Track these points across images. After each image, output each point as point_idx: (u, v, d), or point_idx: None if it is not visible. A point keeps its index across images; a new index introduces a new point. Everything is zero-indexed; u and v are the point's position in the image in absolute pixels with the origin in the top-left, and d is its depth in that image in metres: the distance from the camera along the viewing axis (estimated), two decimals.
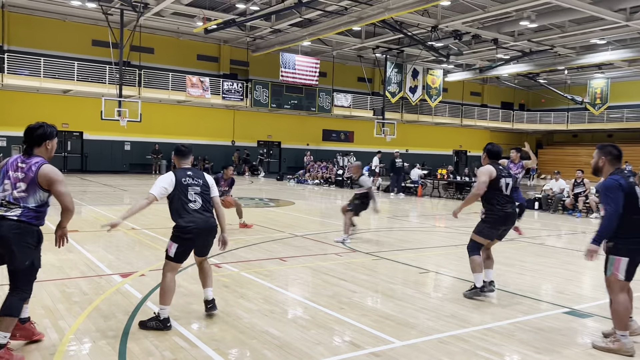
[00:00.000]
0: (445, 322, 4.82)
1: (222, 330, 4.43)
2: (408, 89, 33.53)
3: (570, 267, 7.60)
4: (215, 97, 28.87)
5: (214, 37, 29.99)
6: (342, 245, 8.69)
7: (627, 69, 34.59)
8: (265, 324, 4.59)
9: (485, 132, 43.64)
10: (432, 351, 4.08)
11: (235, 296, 5.45)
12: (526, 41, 27.63)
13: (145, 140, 28.82)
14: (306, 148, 32.82)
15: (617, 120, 37.94)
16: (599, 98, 36.48)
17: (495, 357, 4.01)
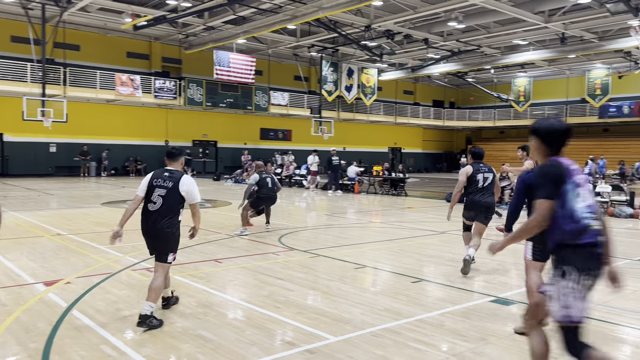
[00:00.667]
0: (378, 315, 4.92)
1: (153, 336, 4.30)
2: (344, 87, 33.93)
3: (496, 257, 7.96)
4: (147, 96, 27.98)
5: (144, 34, 29.07)
6: (280, 244, 8.69)
7: (547, 68, 36.68)
8: (198, 328, 4.51)
9: (418, 129, 44.95)
10: (365, 345, 4.16)
11: None
12: (455, 41, 28.67)
13: (73, 141, 27.51)
14: (243, 147, 32.50)
15: (539, 116, 40.09)
16: (523, 96, 38.48)
17: (424, 346, 4.14)
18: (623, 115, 35.27)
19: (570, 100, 39.24)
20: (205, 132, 32.72)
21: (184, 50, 30.57)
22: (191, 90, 29.39)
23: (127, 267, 6.80)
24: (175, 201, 4.70)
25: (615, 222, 12.31)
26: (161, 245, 4.77)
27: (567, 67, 36.63)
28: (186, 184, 4.74)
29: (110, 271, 6.52)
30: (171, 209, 4.69)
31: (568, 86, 39.70)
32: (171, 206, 4.69)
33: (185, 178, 4.76)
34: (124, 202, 15.50)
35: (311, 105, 34.11)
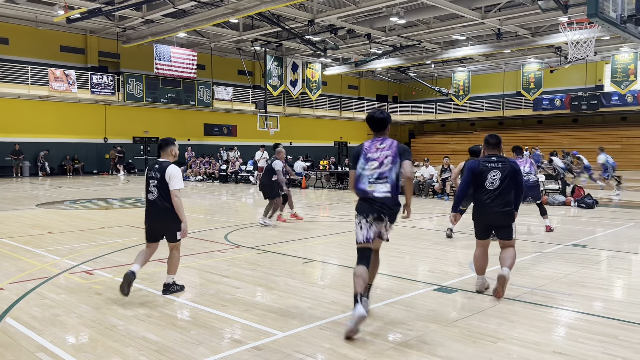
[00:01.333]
0: (326, 309, 4.96)
1: (94, 341, 4.15)
2: (289, 82, 33.84)
3: (439, 247, 8.20)
4: (83, 92, 26.86)
5: (79, 27, 27.87)
6: (226, 242, 8.58)
7: (484, 62, 37.99)
8: (142, 330, 4.38)
9: (363, 123, 45.47)
10: (312, 339, 4.18)
11: (108, 303, 5.13)
12: (396, 36, 29.17)
13: (3, 140, 26.04)
14: (187, 143, 31.84)
15: (478, 109, 41.53)
16: (462, 90, 39.71)
17: (370, 337, 4.20)
18: (555, 108, 37.06)
19: (507, 93, 40.85)
20: (147, 129, 31.80)
21: (122, 44, 29.50)
22: (130, 85, 28.46)
23: (65, 270, 6.52)
24: (167, 189, 5.21)
25: (549, 209, 12.95)
26: (166, 228, 5.34)
27: (503, 61, 38.07)
28: (168, 172, 5.21)
29: (47, 275, 6.23)
30: (166, 197, 5.22)
31: (504, 80, 41.29)
32: (165, 194, 5.22)
33: (170, 167, 5.22)
34: (61, 202, 14.86)
35: (256, 100, 33.80)
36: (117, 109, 30.33)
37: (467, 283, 5.91)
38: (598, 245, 8.28)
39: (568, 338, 4.21)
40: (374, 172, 4.55)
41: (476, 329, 4.40)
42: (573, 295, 5.42)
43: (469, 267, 6.54)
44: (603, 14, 7.18)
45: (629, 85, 32.66)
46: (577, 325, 4.52)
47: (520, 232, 9.99)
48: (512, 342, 4.10)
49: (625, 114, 36.23)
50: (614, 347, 3.96)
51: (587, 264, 6.94)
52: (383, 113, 4.77)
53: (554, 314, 4.83)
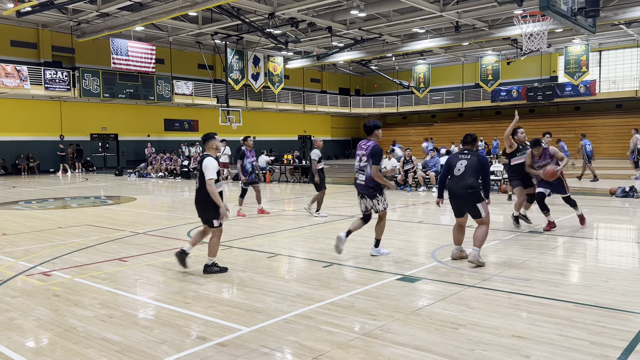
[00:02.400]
0: (291, 302, 4.96)
1: (53, 343, 4.03)
2: (250, 76, 33.55)
3: (402, 237, 8.32)
4: (37, 88, 25.95)
5: (30, 21, 26.86)
6: (189, 239, 8.47)
7: (444, 55, 38.60)
8: (103, 331, 4.29)
9: (326, 117, 45.61)
10: (278, 332, 4.18)
11: (67, 305, 5.00)
12: (357, 29, 29.31)
13: None
14: (147, 139, 31.19)
15: (438, 102, 42.22)
16: (422, 82, 40.27)
17: (335, 328, 4.24)
18: (512, 99, 38.04)
19: (466, 85, 41.65)
20: (105, 125, 30.99)
21: (76, 38, 28.59)
22: (86, 80, 27.65)
23: (21, 272, 6.30)
24: (204, 179, 5.89)
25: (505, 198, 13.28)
26: (205, 215, 6.08)
27: (461, 54, 38.78)
28: (204, 164, 5.91)
29: (2, 278, 6.01)
30: (203, 187, 5.89)
31: (463, 72, 42.09)
32: (203, 184, 5.91)
33: (205, 159, 5.92)
34: (16, 202, 14.34)
35: (217, 95, 33.40)
36: (73, 105, 29.43)
37: (429, 272, 6.03)
38: (554, 232, 8.56)
39: (526, 322, 4.35)
40: (358, 164, 6.80)
41: (438, 316, 4.49)
42: (530, 280, 5.59)
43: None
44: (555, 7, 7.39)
45: (582, 76, 33.81)
46: (534, 309, 4.67)
47: None
48: (472, 327, 4.20)
49: (578, 104, 37.50)
50: (568, 329, 4.12)
51: (544, 249, 7.17)
52: (371, 122, 6.74)
53: (513, 299, 4.98)
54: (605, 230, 9.10)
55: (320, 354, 3.75)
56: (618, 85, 35.56)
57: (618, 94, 35.12)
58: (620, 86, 35.37)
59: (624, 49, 35.58)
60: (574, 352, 3.69)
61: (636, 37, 32.89)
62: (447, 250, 7.28)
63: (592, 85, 34.90)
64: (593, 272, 5.98)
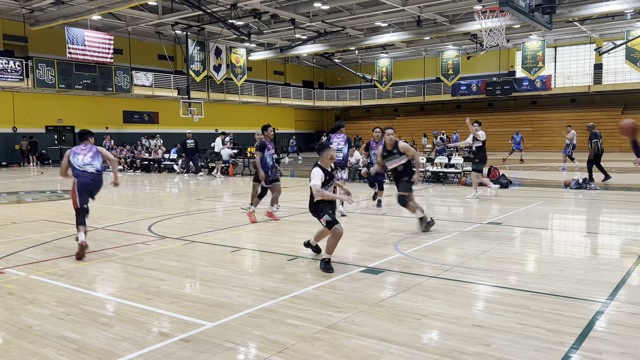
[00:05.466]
0: (255, 296, 4.94)
1: (7, 344, 3.89)
2: (212, 67, 33.06)
3: (365, 229, 8.39)
4: None
5: None
6: (150, 234, 8.31)
7: (406, 49, 39.00)
8: (60, 329, 4.16)
9: (290, 109, 45.46)
10: (242, 327, 4.15)
11: (23, 303, 4.83)
12: (321, 22, 29.26)
13: None
14: (105, 132, 30.35)
15: (400, 95, 42.71)
16: (385, 76, 40.60)
17: (300, 321, 4.24)
18: (472, 93, 38.85)
19: (427, 79, 42.24)
20: (61, 117, 29.98)
21: (29, 26, 27.49)
22: (40, 70, 26.65)
23: None
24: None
25: (466, 190, 13.57)
26: (317, 217, 6.01)
27: (423, 48, 39.28)
28: (311, 173, 6.00)
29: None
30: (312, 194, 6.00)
31: (425, 66, 42.65)
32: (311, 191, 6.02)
33: (314, 170, 5.93)
34: None
35: (178, 86, 32.79)
36: (26, 96, 28.34)
37: (392, 263, 6.10)
38: (512, 223, 8.81)
39: (485, 311, 4.46)
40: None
41: (401, 307, 4.56)
42: (490, 270, 5.74)
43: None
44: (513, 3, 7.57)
45: (538, 71, 34.80)
46: (493, 299, 4.80)
47: (441, 212, 10.44)
48: (434, 317, 4.29)
49: (535, 98, 38.62)
50: (526, 317, 4.25)
51: (502, 240, 7.37)
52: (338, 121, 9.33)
53: (473, 289, 5.10)
54: (560, 221, 9.42)
55: (285, 347, 3.75)
56: (572, 80, 36.80)
57: (572, 88, 36.35)
58: (574, 81, 36.62)
59: (578, 45, 36.82)
60: (532, 339, 3.81)
61: (589, 33, 34.06)
62: (409, 241, 7.39)
63: (547, 80, 36.00)
64: (549, 262, 6.18)
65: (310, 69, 46.15)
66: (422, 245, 7.10)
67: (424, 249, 6.91)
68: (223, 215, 10.52)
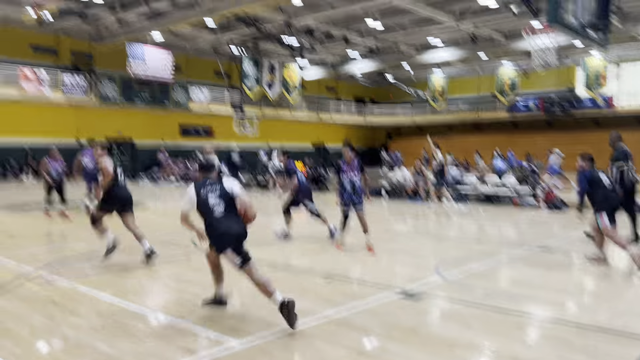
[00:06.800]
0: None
1: (42, 353, 4.02)
2: (265, 84, 33.68)
3: (408, 250, 8.19)
4: (55, 92, 26.35)
5: (51, 27, 27.28)
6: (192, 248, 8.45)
7: (460, 66, 38.38)
8: (94, 340, 4.26)
9: (341, 126, 45.58)
10: (270, 348, 4.10)
11: (63, 313, 4.98)
12: (373, 39, 29.28)
13: None
14: (162, 145, 31.41)
15: (454, 113, 41.95)
16: (439, 93, 40.03)
17: (329, 346, 4.14)
18: (530, 111, 37.63)
19: (482, 96, 41.31)
20: (121, 130, 31.29)
21: (95, 44, 29.00)
22: (104, 86, 27.99)
23: (22, 276, 6.32)
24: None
25: (520, 212, 13.08)
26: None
27: (478, 65, 38.50)
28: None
29: (1, 282, 6.03)
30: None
31: (480, 83, 41.78)
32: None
33: None
34: (27, 205, 14.50)
35: (233, 102, 33.58)
36: (90, 110, 29.80)
37: (431, 288, 5.90)
38: (564, 248, 8.37)
39: (525, 343, 4.22)
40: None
41: (436, 335, 4.38)
42: (534, 299, 5.45)
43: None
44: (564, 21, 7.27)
45: (600, 89, 33.33)
46: (534, 330, 4.53)
47: (491, 234, 10.07)
48: (468, 348, 4.09)
49: (597, 117, 36.94)
50: (569, 353, 3.98)
51: (551, 267, 7.00)
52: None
53: (513, 319, 4.84)
54: (618, 249, 8.86)
55: None
56: (639, 99, 34.97)
57: (639, 108, 34.52)
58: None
59: None
60: None
61: None
62: (452, 265, 7.15)
63: (610, 98, 34.38)
64: (600, 293, 5.81)
65: (363, 85, 46.20)
66: (465, 269, 6.84)
67: (467, 273, 6.66)
68: (263, 230, 10.58)
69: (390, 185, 16.87)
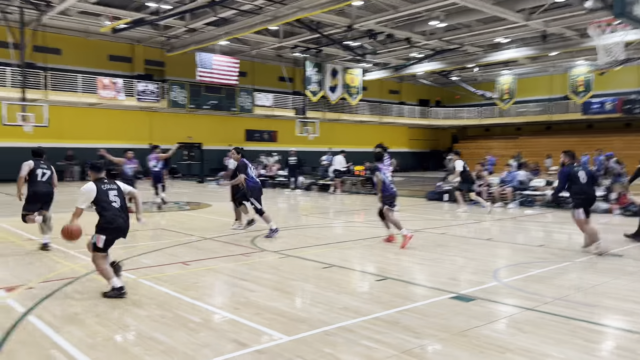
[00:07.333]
0: (336, 314, 4.94)
1: (105, 340, 4.29)
2: (328, 88, 33.92)
3: (465, 254, 8.01)
4: (130, 99, 27.86)
5: (126, 37, 28.92)
6: (252, 246, 8.69)
7: (530, 66, 36.92)
8: (152, 330, 4.50)
9: (404, 128, 45.10)
10: (316, 344, 4.17)
11: (126, 304, 5.29)
12: (437, 40, 28.79)
13: (57, 145, 27.28)
14: (229, 149, 32.35)
15: (524, 114, 40.41)
16: (507, 93, 38.71)
17: (374, 344, 4.16)
18: (606, 112, 35.60)
19: (554, 97, 39.53)
20: (190, 134, 32.59)
21: (166, 52, 30.44)
22: (174, 92, 29.28)
23: (93, 271, 6.75)
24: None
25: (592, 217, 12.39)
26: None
27: (550, 64, 36.89)
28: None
29: (75, 275, 6.49)
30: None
31: (552, 83, 40.01)
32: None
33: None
34: None
35: (296, 106, 34.10)
36: (162, 116, 31.28)
37: (487, 292, 5.76)
38: (636, 256, 7.89)
39: (583, 351, 4.03)
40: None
41: (486, 338, 4.28)
42: (597, 307, 5.18)
43: None
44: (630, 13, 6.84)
45: None
46: (593, 338, 4.32)
47: (560, 240, 9.64)
48: (520, 353, 3.96)
49: None
50: None
51: (619, 274, 6.62)
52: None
53: (572, 326, 4.63)
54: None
55: None
56: None
57: None
58: None
59: None
60: None
61: None
62: (511, 269, 6.93)
63: None
64: None
65: (427, 87, 45.49)
66: (524, 275, 6.61)
67: (526, 278, 6.43)
68: (322, 231, 10.67)
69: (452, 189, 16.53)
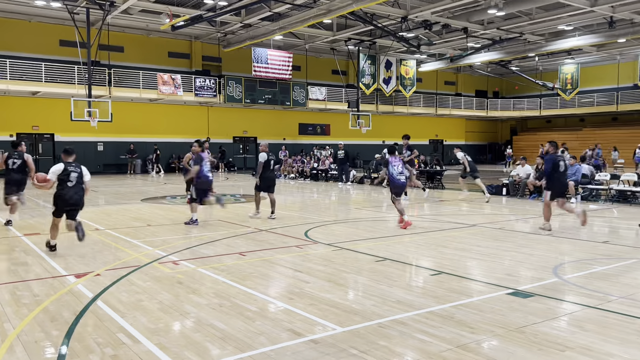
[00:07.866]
0: (389, 307, 4.94)
1: (167, 326, 4.49)
2: (382, 80, 33.67)
3: (524, 249, 7.79)
4: (188, 94, 28.74)
5: (184, 34, 29.78)
6: (306, 238, 8.80)
7: (595, 54, 35.18)
8: (211, 318, 4.66)
9: (461, 120, 44.12)
10: (370, 335, 4.20)
11: (187, 292, 5.51)
12: (496, 29, 27.93)
13: (119, 140, 28.59)
14: (283, 142, 32.83)
15: (588, 104, 38.59)
16: (570, 83, 37.06)
17: (429, 337, 4.14)
18: None
19: (622, 86, 37.49)
20: (245, 129, 33.25)
21: (222, 48, 31.13)
22: (230, 87, 29.94)
23: (155, 260, 7.07)
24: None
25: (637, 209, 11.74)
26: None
27: (617, 51, 35.02)
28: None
29: (139, 264, 6.80)
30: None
31: (619, 72, 37.94)
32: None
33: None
34: (163, 198, 16.03)
35: (349, 99, 34.05)
36: (218, 110, 32.06)
37: (546, 288, 5.59)
38: None
39: None
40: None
41: (544, 336, 4.17)
42: None
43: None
44: None
45: None
46: None
47: (627, 237, 9.21)
48: (581, 351, 3.84)
49: None
50: None
51: None
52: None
53: (637, 325, 4.43)
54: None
55: None
56: None
57: None
58: None
59: None
60: None
61: None
62: (572, 266, 6.69)
63: None
64: None
65: (485, 77, 44.25)
66: (587, 272, 6.37)
67: (588, 275, 6.19)
68: (376, 224, 10.65)
69: (512, 182, 16.07)
